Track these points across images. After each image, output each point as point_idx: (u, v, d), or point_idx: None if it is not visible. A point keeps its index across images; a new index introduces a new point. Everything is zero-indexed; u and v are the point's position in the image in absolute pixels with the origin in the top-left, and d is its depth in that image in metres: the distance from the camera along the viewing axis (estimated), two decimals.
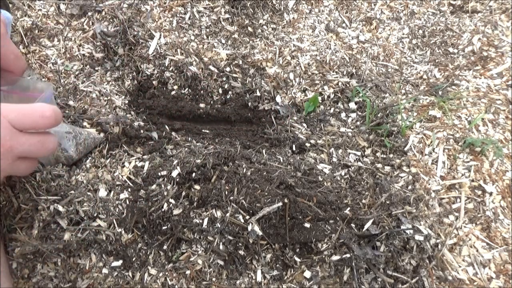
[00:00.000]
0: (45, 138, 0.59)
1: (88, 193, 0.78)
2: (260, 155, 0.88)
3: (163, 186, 0.78)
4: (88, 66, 1.02)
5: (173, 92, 1.05)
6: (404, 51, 1.19)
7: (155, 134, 0.92)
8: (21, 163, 0.59)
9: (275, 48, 1.13)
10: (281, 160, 0.88)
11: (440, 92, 1.05)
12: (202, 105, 1.04)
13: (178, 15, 1.12)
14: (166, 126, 0.98)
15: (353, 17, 1.25)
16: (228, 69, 1.07)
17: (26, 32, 1.07)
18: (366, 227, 0.77)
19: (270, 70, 1.08)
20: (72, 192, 0.77)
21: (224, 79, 1.06)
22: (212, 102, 1.05)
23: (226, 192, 0.75)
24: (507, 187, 0.88)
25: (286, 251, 0.76)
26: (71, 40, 1.06)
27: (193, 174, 0.77)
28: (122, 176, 0.82)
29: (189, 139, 0.95)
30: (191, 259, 0.74)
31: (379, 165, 0.92)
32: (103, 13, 1.09)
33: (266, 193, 0.75)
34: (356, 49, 1.17)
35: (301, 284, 0.75)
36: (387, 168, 0.91)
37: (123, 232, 0.76)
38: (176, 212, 0.75)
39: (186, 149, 0.87)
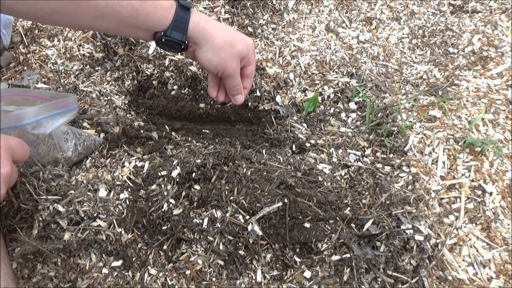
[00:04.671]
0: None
1: (88, 193, 0.78)
2: (260, 155, 0.88)
3: (163, 186, 0.78)
4: (88, 66, 1.02)
5: (173, 92, 1.05)
6: (404, 51, 1.19)
7: (155, 134, 0.92)
8: None
9: (275, 48, 1.13)
10: (281, 160, 0.88)
11: (440, 92, 1.05)
12: (202, 105, 1.04)
13: None
14: (166, 126, 0.98)
15: (353, 17, 1.25)
16: None
17: (26, 32, 1.07)
18: (366, 227, 0.77)
19: (270, 70, 1.08)
20: (72, 192, 0.77)
21: None
22: (212, 102, 1.05)
23: (226, 192, 0.75)
24: (507, 187, 0.88)
25: (286, 251, 0.76)
26: (71, 40, 1.06)
27: (193, 174, 0.77)
28: (122, 176, 0.82)
29: (189, 139, 0.95)
30: (191, 259, 0.74)
31: (379, 165, 0.92)
32: None
33: (266, 193, 0.75)
34: (356, 49, 1.17)
35: (301, 284, 0.75)
36: (387, 168, 0.91)
37: (123, 232, 0.76)
38: (176, 212, 0.75)
39: (186, 149, 0.87)
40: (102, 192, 0.78)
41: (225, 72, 0.77)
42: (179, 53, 1.06)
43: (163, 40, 0.71)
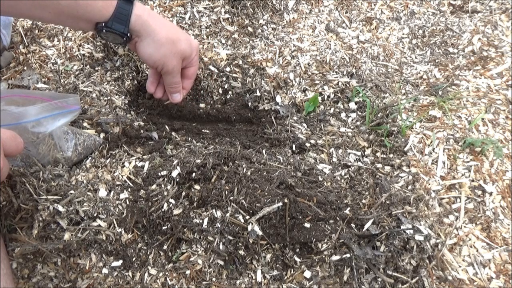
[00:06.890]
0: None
1: (88, 193, 0.78)
2: (260, 155, 0.88)
3: (163, 186, 0.78)
4: (88, 66, 1.02)
5: None
6: (404, 51, 1.19)
7: (155, 134, 0.93)
8: None
9: (275, 48, 1.13)
10: (281, 160, 0.88)
11: (440, 92, 1.05)
12: (202, 105, 1.04)
13: (178, 15, 1.12)
14: (166, 126, 0.98)
15: (353, 17, 1.25)
16: (228, 69, 1.07)
17: (26, 32, 1.07)
18: (366, 227, 0.77)
19: (270, 70, 1.08)
20: (72, 192, 0.77)
21: (224, 79, 1.06)
22: (212, 102, 1.05)
23: (226, 192, 0.75)
24: (507, 187, 0.88)
25: (286, 251, 0.76)
26: (71, 40, 1.06)
27: (193, 174, 0.77)
28: (122, 176, 0.82)
29: (189, 139, 0.95)
30: (191, 259, 0.74)
31: (379, 165, 0.92)
32: None
33: (266, 193, 0.75)
34: (356, 49, 1.17)
35: (301, 284, 0.75)
36: (387, 168, 0.91)
37: (123, 232, 0.76)
38: (176, 212, 0.75)
39: (186, 149, 0.87)
40: (102, 192, 0.78)
41: (164, 69, 0.78)
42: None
43: (104, 31, 0.72)
